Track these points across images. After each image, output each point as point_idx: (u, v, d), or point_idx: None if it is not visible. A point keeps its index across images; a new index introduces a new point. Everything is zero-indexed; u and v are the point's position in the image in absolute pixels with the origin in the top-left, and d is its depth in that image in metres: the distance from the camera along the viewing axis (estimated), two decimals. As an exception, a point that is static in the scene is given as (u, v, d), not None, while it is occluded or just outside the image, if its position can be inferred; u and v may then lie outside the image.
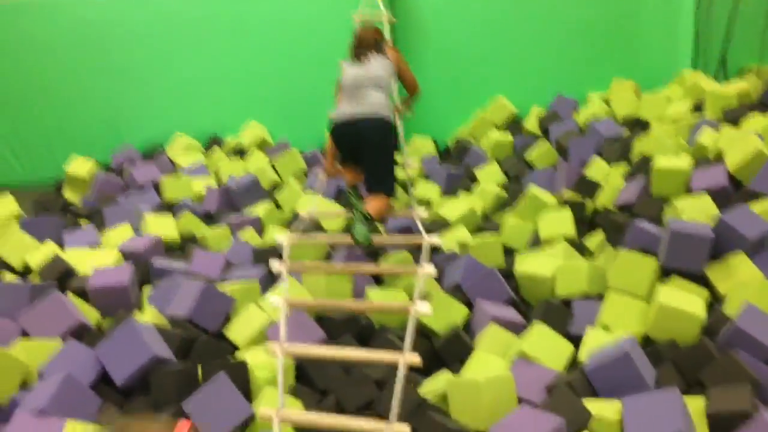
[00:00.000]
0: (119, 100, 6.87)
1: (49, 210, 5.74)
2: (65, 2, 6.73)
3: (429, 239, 4.08)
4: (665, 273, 3.67)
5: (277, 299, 3.52)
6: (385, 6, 5.82)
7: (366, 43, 4.50)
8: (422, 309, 3.32)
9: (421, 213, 4.58)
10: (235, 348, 3.64)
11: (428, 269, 3.72)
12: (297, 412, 2.99)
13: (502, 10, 6.58)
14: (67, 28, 6.77)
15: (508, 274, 4.26)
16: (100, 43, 6.79)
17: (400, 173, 4.99)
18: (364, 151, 4.32)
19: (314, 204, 4.85)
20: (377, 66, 4.39)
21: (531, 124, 6.34)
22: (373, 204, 4.18)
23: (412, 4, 6.58)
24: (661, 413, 2.63)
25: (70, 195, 6.10)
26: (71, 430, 2.81)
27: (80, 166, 6.21)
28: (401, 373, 2.89)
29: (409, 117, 5.05)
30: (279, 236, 4.21)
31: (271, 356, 3.23)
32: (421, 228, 4.30)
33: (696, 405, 2.76)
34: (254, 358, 3.37)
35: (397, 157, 4.66)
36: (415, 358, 2.97)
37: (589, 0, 6.47)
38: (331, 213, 5.02)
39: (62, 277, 4.31)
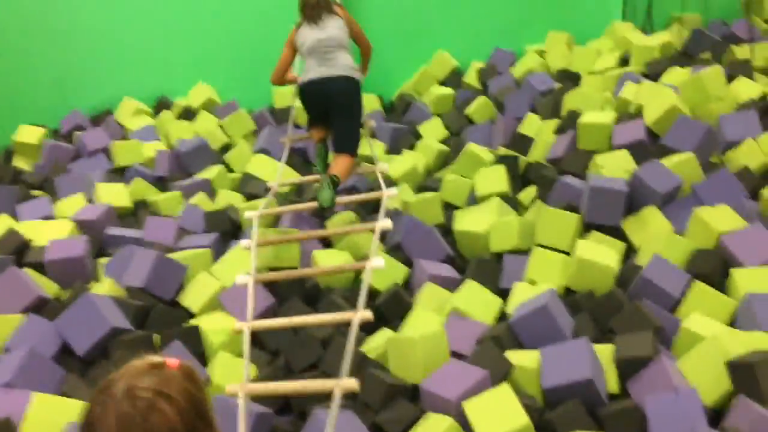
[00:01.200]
0: (65, 64, 6.83)
1: (1, 179, 5.81)
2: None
3: (388, 192, 4.29)
4: (587, 227, 3.98)
5: (243, 277, 3.67)
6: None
7: (317, 3, 4.61)
8: (377, 263, 3.51)
9: (383, 167, 4.81)
10: (190, 315, 3.87)
11: (385, 223, 3.91)
12: (260, 385, 3.06)
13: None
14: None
15: (448, 231, 4.54)
16: (43, 6, 6.71)
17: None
18: (334, 111, 4.56)
19: (279, 173, 4.99)
20: (335, 27, 4.58)
21: (471, 78, 6.54)
22: (339, 165, 4.45)
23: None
24: (574, 361, 2.95)
25: (20, 163, 6.16)
26: (37, 402, 3.02)
27: (29, 134, 6.24)
28: (354, 330, 3.01)
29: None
30: (248, 213, 4.36)
31: (238, 333, 3.34)
32: (381, 182, 4.53)
33: (606, 352, 3.09)
34: (207, 324, 3.62)
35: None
36: (368, 314, 3.15)
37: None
38: (297, 179, 5.15)
39: (18, 250, 4.45)
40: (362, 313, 3.16)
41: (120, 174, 5.73)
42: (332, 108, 4.54)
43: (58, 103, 6.82)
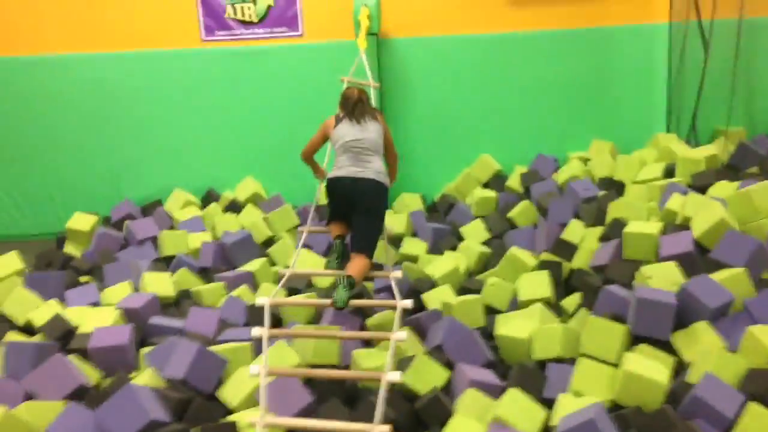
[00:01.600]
0: (121, 155, 7.13)
1: (52, 264, 5.96)
2: (72, 59, 7.01)
3: (401, 303, 4.28)
4: (635, 339, 3.90)
5: (256, 368, 3.68)
6: (372, 70, 6.12)
7: (360, 103, 4.79)
8: (392, 377, 3.53)
9: (398, 274, 4.81)
10: (228, 410, 3.84)
11: (399, 335, 3.93)
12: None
13: (486, 72, 6.90)
14: (72, 85, 7.05)
15: (490, 335, 4.49)
16: (103, 101, 7.06)
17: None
18: (358, 211, 4.64)
19: (294, 260, 5.03)
20: (374, 131, 4.73)
21: (514, 182, 6.62)
22: (356, 266, 4.48)
23: (397, 67, 6.90)
24: (623, 480, 2.84)
25: (71, 249, 6.32)
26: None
27: (82, 221, 6.44)
28: None
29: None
30: (260, 299, 4.36)
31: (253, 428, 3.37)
32: (395, 290, 4.54)
33: (655, 472, 2.98)
34: (244, 420, 3.58)
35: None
36: (384, 429, 3.13)
37: (569, 62, 6.80)
38: (311, 271, 5.21)
39: (65, 335, 4.52)
40: (378, 429, 3.19)
41: (166, 263, 5.84)
42: (358, 207, 4.62)
43: (112, 193, 7.08)
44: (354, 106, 4.77)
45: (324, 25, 6.92)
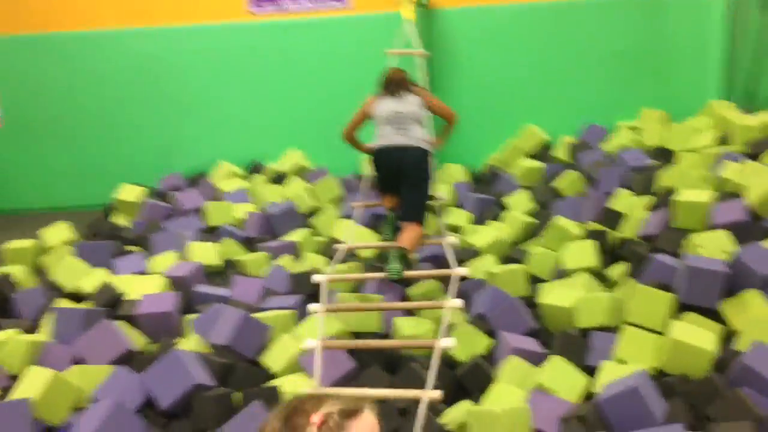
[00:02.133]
0: (169, 129, 7.24)
1: (99, 234, 6.09)
2: (120, 35, 7.13)
3: (457, 271, 4.27)
4: (682, 308, 3.80)
5: (311, 342, 3.74)
6: (419, 40, 6.06)
7: (398, 81, 4.93)
8: (446, 344, 3.52)
9: (451, 240, 4.86)
10: (270, 375, 3.88)
11: (454, 302, 3.91)
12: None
13: (533, 42, 6.77)
14: (120, 60, 7.17)
15: (533, 304, 4.43)
16: (150, 76, 7.17)
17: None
18: (403, 179, 4.75)
19: (350, 234, 5.09)
20: (414, 103, 4.85)
21: (561, 152, 6.49)
22: (406, 236, 4.52)
23: (445, 37, 6.80)
24: (666, 448, 2.78)
25: (119, 219, 6.45)
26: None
27: (129, 192, 6.57)
28: (422, 410, 3.07)
29: (443, 147, 5.35)
30: (316, 276, 4.43)
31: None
32: (450, 258, 4.51)
33: (701, 440, 2.91)
34: (288, 386, 3.61)
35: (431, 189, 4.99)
36: (436, 395, 3.16)
37: (619, 31, 6.62)
38: (366, 244, 5.23)
39: (112, 302, 4.62)
40: (430, 392, 3.18)
41: (212, 233, 5.91)
42: (402, 176, 4.72)
43: (162, 166, 7.20)
44: (391, 84, 4.92)
45: (371, -3, 6.88)
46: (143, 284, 4.77)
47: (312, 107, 7.10)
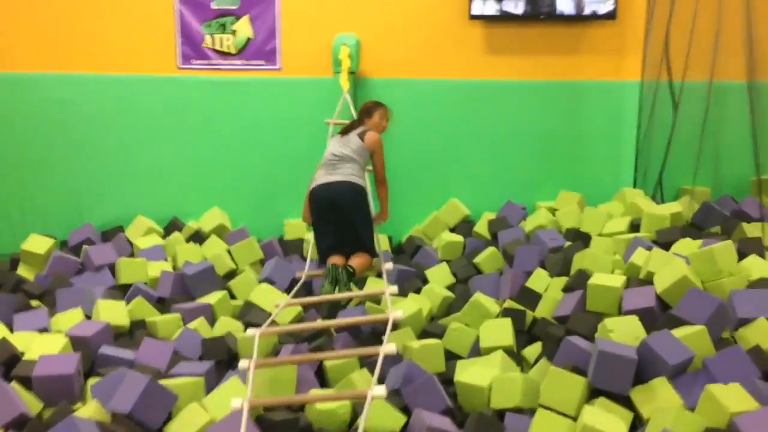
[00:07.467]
0: (82, 179, 6.97)
1: (2, 286, 5.77)
2: (40, 79, 6.88)
3: (393, 315, 4.26)
4: (594, 392, 3.86)
5: (238, 401, 3.59)
6: (353, 108, 6.14)
7: (360, 116, 5.31)
8: (378, 392, 3.44)
9: (388, 266, 5.21)
10: (173, 447, 3.69)
11: (389, 348, 3.81)
12: None
13: (460, 118, 6.94)
14: (35, 104, 6.89)
15: (449, 380, 4.41)
16: (66, 122, 6.89)
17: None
18: (341, 213, 4.81)
19: (294, 292, 5.12)
20: (355, 143, 5.03)
21: (482, 227, 6.61)
22: (356, 260, 4.69)
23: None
24: None
25: (24, 272, 6.14)
26: None
27: (37, 243, 6.27)
28: None
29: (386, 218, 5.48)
30: (250, 330, 4.36)
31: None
32: (388, 301, 4.58)
33: None
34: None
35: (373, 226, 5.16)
36: None
37: (540, 114, 6.87)
38: (309, 300, 5.11)
39: (8, 361, 4.34)
40: None
41: (123, 291, 5.68)
42: (337, 209, 4.78)
43: (73, 216, 6.90)
44: (352, 122, 5.24)
45: (303, 61, 6.91)
46: (43, 343, 4.49)
47: (237, 167, 7.01)
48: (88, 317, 5.11)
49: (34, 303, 5.42)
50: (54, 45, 6.89)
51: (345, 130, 5.19)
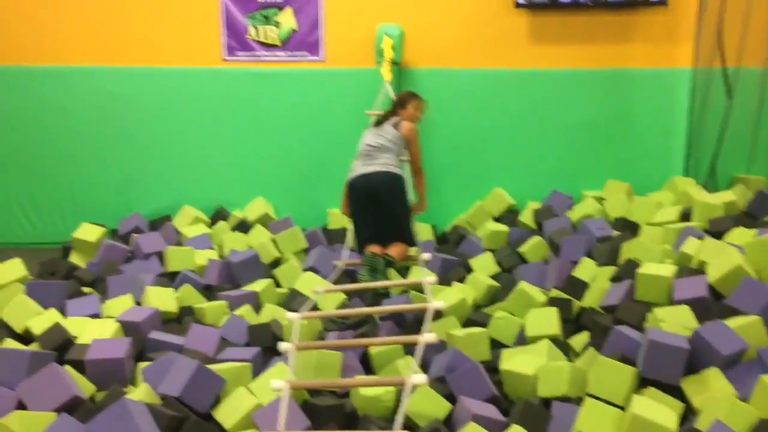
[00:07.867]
0: (132, 169, 7.13)
1: (55, 273, 5.91)
2: (91, 71, 7.05)
3: (433, 305, 4.20)
4: (644, 382, 3.79)
5: (279, 383, 3.62)
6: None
7: (395, 107, 5.27)
8: (417, 380, 3.41)
9: (425, 257, 5.23)
10: (222, 431, 3.74)
11: (429, 337, 3.76)
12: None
13: (505, 108, 6.89)
14: (87, 96, 7.07)
15: (494, 369, 4.38)
16: (118, 114, 7.07)
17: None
18: (379, 203, 4.82)
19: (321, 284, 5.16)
20: (389, 133, 5.04)
21: (527, 217, 6.54)
22: (394, 249, 4.75)
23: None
24: None
25: (76, 259, 6.28)
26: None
27: (89, 232, 6.41)
28: None
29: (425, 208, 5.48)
30: (290, 314, 4.39)
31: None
32: (427, 290, 4.50)
33: None
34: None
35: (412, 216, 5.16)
36: None
37: (588, 102, 6.78)
38: (346, 287, 5.14)
39: (62, 345, 4.44)
40: None
41: (171, 279, 5.78)
42: (376, 199, 4.77)
43: (122, 206, 7.06)
44: (386, 113, 5.24)
45: (346, 52, 6.94)
46: (95, 328, 4.60)
47: (281, 157, 7.08)
48: (138, 303, 5.20)
49: (86, 289, 5.54)
50: (105, 39, 7.04)
51: (379, 121, 5.19)
